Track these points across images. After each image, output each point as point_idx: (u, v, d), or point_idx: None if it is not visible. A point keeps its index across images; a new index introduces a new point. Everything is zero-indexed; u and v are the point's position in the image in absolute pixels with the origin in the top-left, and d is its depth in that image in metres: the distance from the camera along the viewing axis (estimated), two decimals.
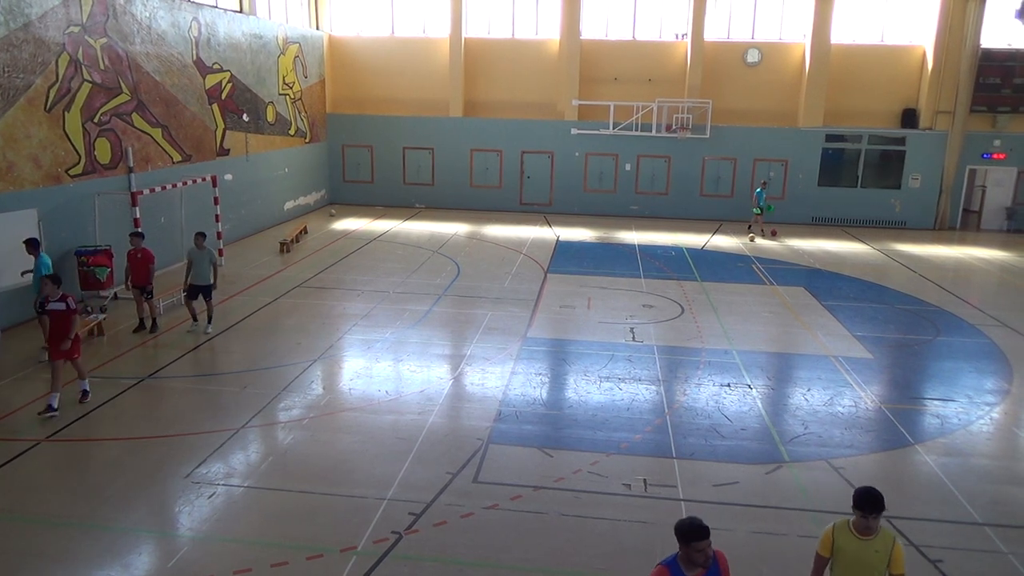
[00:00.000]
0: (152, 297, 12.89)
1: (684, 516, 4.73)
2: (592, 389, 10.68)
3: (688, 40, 25.23)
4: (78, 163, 14.18)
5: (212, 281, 12.76)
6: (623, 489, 7.90)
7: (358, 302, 14.84)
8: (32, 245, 11.72)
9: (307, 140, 25.29)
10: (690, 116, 24.91)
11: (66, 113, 13.80)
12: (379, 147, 27.09)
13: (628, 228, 23.98)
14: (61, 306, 9.48)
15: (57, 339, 9.50)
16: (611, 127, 25.21)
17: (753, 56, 25.34)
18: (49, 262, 11.81)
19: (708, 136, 24.98)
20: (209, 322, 12.90)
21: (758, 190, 22.74)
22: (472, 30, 26.17)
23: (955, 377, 11.65)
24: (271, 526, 7.15)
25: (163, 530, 7.11)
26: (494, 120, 26.44)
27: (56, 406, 9.35)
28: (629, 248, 20.95)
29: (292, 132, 24.06)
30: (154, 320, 12.96)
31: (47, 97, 13.31)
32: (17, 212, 12.48)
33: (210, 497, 7.61)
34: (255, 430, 9.19)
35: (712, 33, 25.31)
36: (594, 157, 26.16)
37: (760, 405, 10.24)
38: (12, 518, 7.19)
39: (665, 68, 25.72)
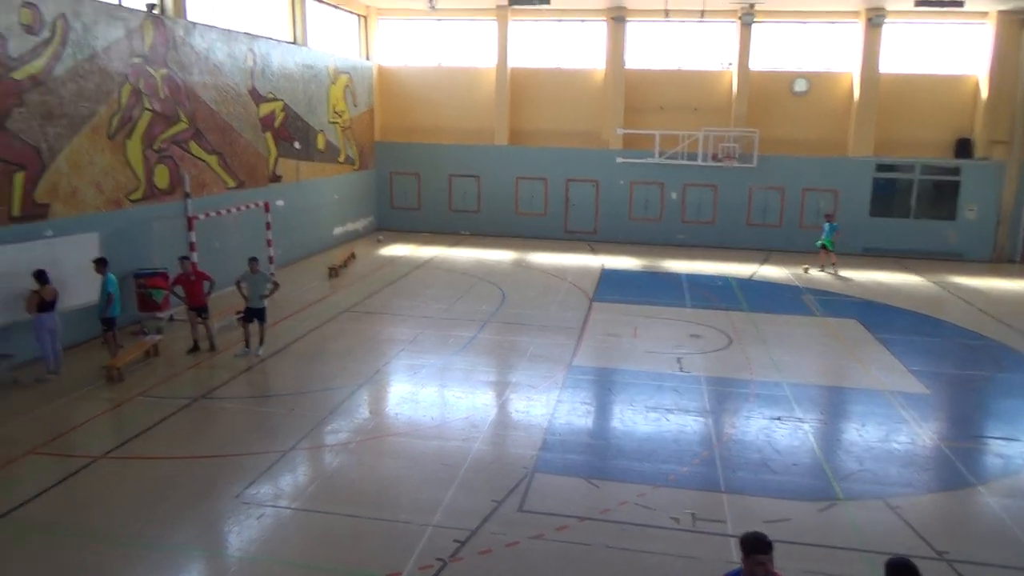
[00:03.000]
0: (208, 317, 13.20)
1: (732, 553, 4.66)
2: (638, 419, 10.56)
3: (734, 69, 25.16)
4: (138, 188, 14.66)
5: (268, 294, 13.02)
6: (671, 523, 7.75)
7: (404, 327, 14.96)
8: (101, 264, 12.20)
9: (356, 167, 25.76)
10: (737, 145, 24.76)
11: (127, 141, 14.31)
12: (426, 174, 27.46)
13: (674, 257, 23.82)
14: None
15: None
16: (656, 156, 25.17)
17: (800, 85, 25.13)
18: (115, 281, 12.27)
19: (755, 165, 24.76)
20: (260, 344, 13.14)
21: (827, 225, 22.04)
22: (518, 60, 26.50)
23: (1019, 415, 11.22)
24: (318, 549, 7.18)
25: (213, 549, 7.19)
26: (539, 149, 26.63)
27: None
28: (675, 277, 20.78)
29: (341, 159, 24.55)
30: (211, 340, 13.27)
31: (110, 125, 13.83)
32: (81, 235, 12.92)
33: (259, 518, 7.68)
34: (303, 452, 9.28)
35: (758, 62, 25.21)
36: (639, 186, 26.12)
37: (812, 440, 9.99)
38: (69, 533, 7.35)
39: (711, 97, 25.66)
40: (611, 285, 19.52)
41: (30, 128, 12.04)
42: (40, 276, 11.30)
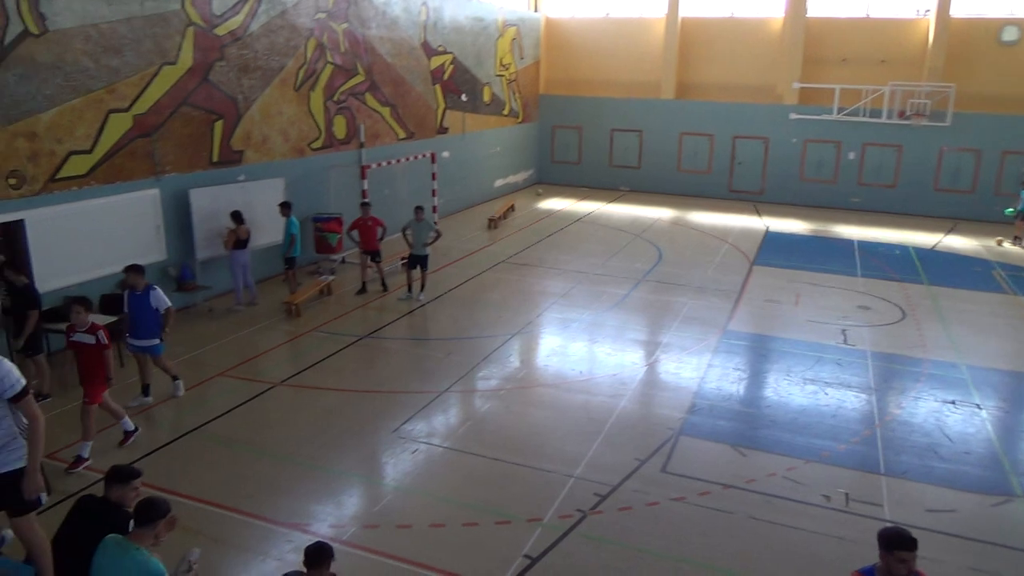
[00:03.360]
0: (380, 260, 14.05)
1: (902, 527, 4.44)
2: (794, 390, 10.16)
3: (932, 16, 22.76)
4: (318, 138, 15.68)
5: (431, 242, 13.61)
6: (821, 500, 7.47)
7: (558, 281, 15.15)
8: (286, 207, 13.31)
9: (519, 120, 26.02)
10: (928, 101, 22.52)
11: (311, 92, 15.29)
12: (588, 128, 27.26)
13: (847, 222, 22.31)
14: (90, 339, 7.67)
15: (88, 379, 7.77)
16: (835, 112, 23.44)
17: (1011, 34, 22.32)
18: (298, 224, 13.38)
19: (948, 124, 22.44)
20: (422, 290, 13.81)
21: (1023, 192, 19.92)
22: (689, 9, 25.43)
23: None
24: (465, 487, 7.58)
25: (371, 477, 7.80)
26: (707, 103, 25.60)
27: (87, 456, 7.76)
28: (847, 243, 19.51)
29: (506, 112, 24.87)
30: (383, 281, 14.18)
31: (296, 78, 14.81)
32: (269, 180, 14.09)
33: (413, 452, 8.21)
34: (456, 395, 9.75)
35: (961, 8, 22.63)
36: (813, 144, 24.53)
37: (990, 428, 9.19)
38: (250, 449, 8.23)
39: (902, 48, 23.41)
40: (775, 249, 18.65)
41: (228, 80, 13.16)
42: (236, 216, 12.48)
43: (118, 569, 4.47)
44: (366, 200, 14.38)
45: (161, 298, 8.93)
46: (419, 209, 13.82)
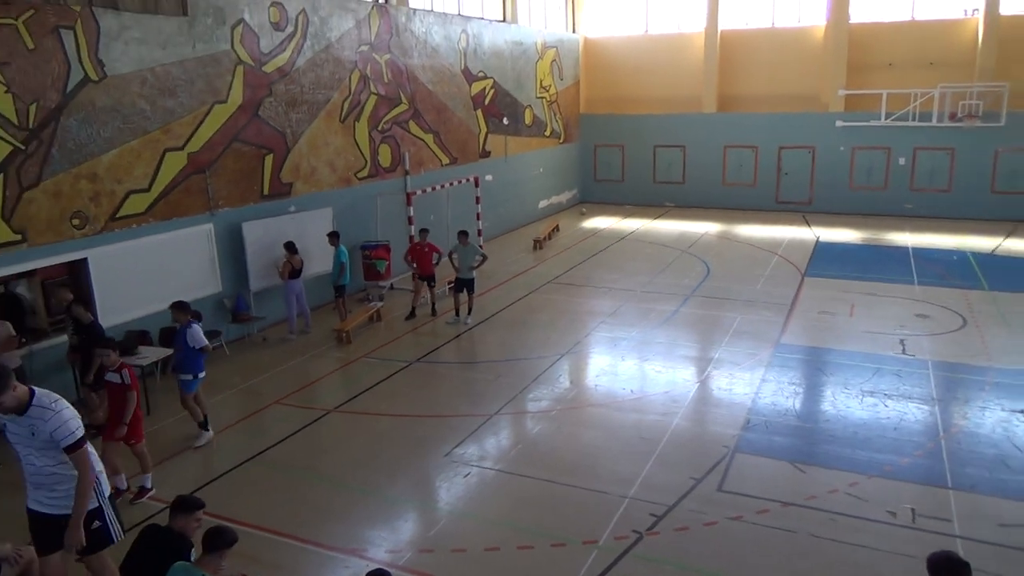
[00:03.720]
0: (435, 285, 14.24)
1: (951, 551, 4.28)
2: (853, 404, 9.90)
3: (980, 15, 22.20)
4: (364, 167, 16.00)
5: (477, 265, 13.73)
6: (886, 516, 7.25)
7: (605, 300, 15.09)
8: (334, 237, 13.61)
9: (561, 141, 26.13)
10: (980, 102, 21.88)
11: (356, 123, 15.62)
12: (630, 146, 27.21)
13: (900, 229, 21.76)
14: (115, 378, 7.65)
15: (113, 420, 7.69)
16: (883, 118, 22.96)
17: None
18: (346, 252, 13.65)
19: (1003, 124, 21.76)
20: (469, 313, 13.90)
21: None
22: (728, 22, 25.30)
23: None
24: (519, 510, 7.56)
25: (424, 501, 7.84)
26: (750, 115, 25.34)
27: (150, 486, 7.96)
28: (901, 251, 19.02)
29: (547, 133, 25.01)
30: (433, 305, 14.36)
31: (342, 109, 15.16)
32: (318, 210, 14.42)
33: (465, 476, 8.23)
34: (507, 417, 9.76)
35: (1010, 6, 22.01)
36: (862, 151, 24.05)
37: None
38: (306, 475, 8.36)
39: (950, 49, 22.85)
40: (826, 259, 18.28)
41: (277, 115, 13.54)
42: (290, 246, 12.80)
43: None
44: (426, 228, 14.56)
45: (196, 336, 8.88)
46: (464, 234, 13.95)
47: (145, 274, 11.16)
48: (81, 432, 5.07)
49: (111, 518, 5.43)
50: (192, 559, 5.01)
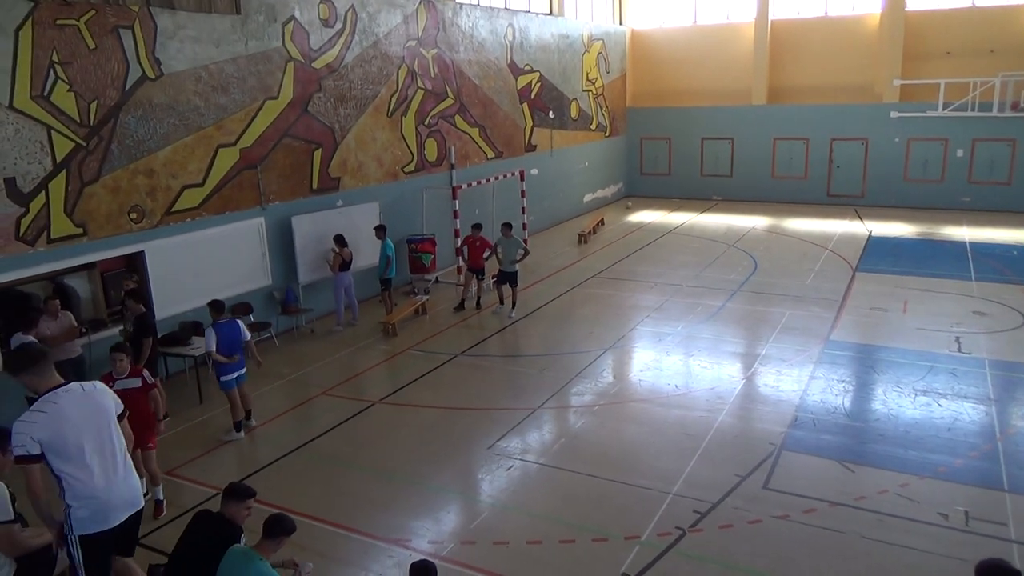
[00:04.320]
0: (483, 279, 14.36)
1: (1013, 559, 4.16)
2: (905, 403, 9.66)
3: None
4: (411, 161, 16.14)
5: (519, 259, 13.77)
6: (938, 519, 7.07)
7: (651, 294, 14.98)
8: (381, 230, 13.79)
9: (607, 134, 25.97)
10: None
11: (403, 118, 15.77)
12: (677, 139, 26.90)
13: (957, 223, 21.10)
14: (134, 383, 7.25)
15: (140, 427, 6.88)
16: (940, 108, 22.25)
17: None
18: (392, 246, 13.81)
19: None
20: (513, 307, 13.95)
21: None
22: (779, 11, 24.79)
23: None
24: (561, 504, 7.58)
25: (467, 493, 7.91)
26: (801, 106, 24.82)
27: (162, 497, 7.59)
28: (958, 246, 18.44)
29: (593, 127, 24.88)
30: (478, 299, 14.45)
31: (389, 104, 15.32)
32: (365, 204, 14.61)
33: (508, 469, 8.28)
34: (550, 411, 9.78)
35: None
36: (918, 143, 23.35)
37: None
38: (351, 465, 8.51)
39: (1012, 36, 21.96)
40: (879, 254, 17.84)
41: (326, 111, 13.75)
42: (339, 240, 13.02)
43: (241, 575, 4.79)
44: (478, 223, 14.63)
45: (206, 340, 8.94)
46: (507, 226, 14.01)
47: (199, 267, 11.47)
48: (18, 452, 4.67)
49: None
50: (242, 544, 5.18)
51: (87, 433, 4.80)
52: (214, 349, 8.86)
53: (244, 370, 9.26)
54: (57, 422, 4.69)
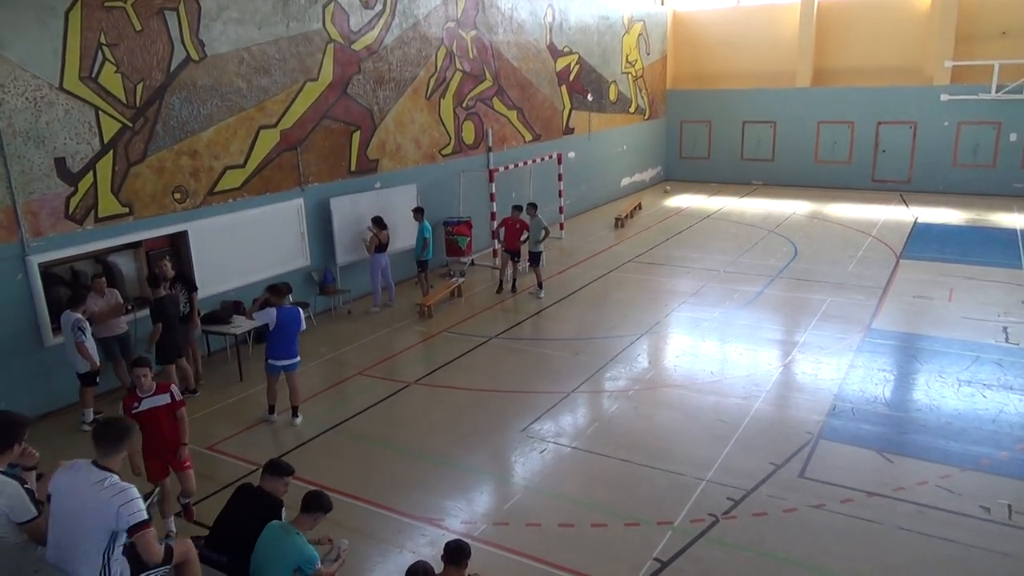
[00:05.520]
0: (519, 260, 14.39)
1: None
2: (948, 393, 9.46)
3: None
4: (448, 144, 16.16)
5: (542, 239, 13.83)
6: (980, 512, 6.93)
7: (687, 279, 14.85)
8: (418, 212, 13.88)
9: (646, 117, 25.67)
10: None
11: (441, 100, 15.77)
12: (717, 122, 26.48)
13: (1008, 210, 20.47)
14: (164, 399, 6.64)
15: (167, 447, 6.66)
16: (993, 91, 21.53)
17: None
18: (430, 228, 13.90)
19: None
20: (540, 287, 13.97)
21: None
22: None
23: None
24: (593, 488, 7.59)
25: (500, 475, 7.97)
26: (846, 89, 24.21)
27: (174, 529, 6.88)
28: (1008, 233, 17.90)
29: (632, 110, 24.60)
30: (514, 282, 14.47)
31: (427, 86, 15.33)
32: (403, 187, 14.69)
33: (541, 452, 8.32)
34: (583, 395, 9.78)
35: None
36: (968, 127, 22.65)
37: None
38: (386, 445, 8.62)
39: None
40: (924, 240, 17.41)
41: (365, 93, 13.81)
42: (378, 221, 13.13)
43: (279, 548, 5.01)
44: (519, 205, 14.52)
45: (264, 315, 8.87)
46: (532, 206, 14.06)
47: (240, 247, 11.66)
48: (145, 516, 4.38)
49: None
50: (283, 518, 5.31)
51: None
52: (265, 323, 8.80)
53: (296, 360, 9.07)
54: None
